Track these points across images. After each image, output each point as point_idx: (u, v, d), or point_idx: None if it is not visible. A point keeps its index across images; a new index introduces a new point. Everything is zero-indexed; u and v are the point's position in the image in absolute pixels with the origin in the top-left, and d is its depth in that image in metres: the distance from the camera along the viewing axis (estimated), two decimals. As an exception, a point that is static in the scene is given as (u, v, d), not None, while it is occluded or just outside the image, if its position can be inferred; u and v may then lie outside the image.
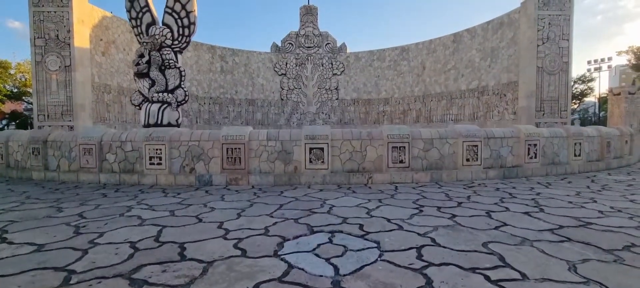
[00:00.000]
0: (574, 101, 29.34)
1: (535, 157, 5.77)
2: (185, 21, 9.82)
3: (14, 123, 26.93)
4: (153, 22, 9.75)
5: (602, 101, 30.47)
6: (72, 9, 13.29)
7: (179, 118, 10.07)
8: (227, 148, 4.98)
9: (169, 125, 9.83)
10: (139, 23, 9.91)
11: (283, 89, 21.94)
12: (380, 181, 4.99)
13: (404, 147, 5.16)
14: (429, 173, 5.18)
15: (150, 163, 5.06)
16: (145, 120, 9.81)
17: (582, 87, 29.94)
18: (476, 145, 5.40)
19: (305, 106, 22.19)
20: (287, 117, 22.19)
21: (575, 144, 6.18)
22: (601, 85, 36.01)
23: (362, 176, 5.02)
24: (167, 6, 9.74)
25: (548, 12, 14.70)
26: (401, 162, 5.16)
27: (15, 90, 24.40)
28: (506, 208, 3.47)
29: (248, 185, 4.89)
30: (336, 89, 22.17)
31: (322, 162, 5.02)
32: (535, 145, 5.76)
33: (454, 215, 3.16)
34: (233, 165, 4.98)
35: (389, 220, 2.98)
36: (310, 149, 5.00)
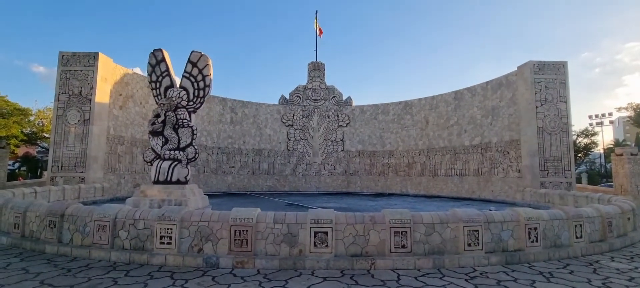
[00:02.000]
0: (579, 155, 29.29)
1: (536, 241, 5.84)
2: (201, 84, 10.53)
3: (25, 167, 27.69)
4: (171, 85, 10.47)
5: (608, 151, 30.43)
6: (97, 69, 14.27)
7: (188, 174, 10.45)
8: (235, 230, 5.19)
9: (178, 182, 10.21)
10: (158, 85, 10.63)
11: (290, 140, 22.57)
12: (383, 268, 5.08)
13: (406, 232, 5.31)
14: (431, 258, 5.27)
15: (161, 243, 5.25)
16: (155, 177, 10.18)
17: (585, 141, 30.12)
18: (477, 230, 5.53)
19: (311, 157, 22.64)
20: (293, 167, 22.57)
21: (575, 225, 6.26)
22: (606, 137, 36.17)
23: (365, 261, 5.12)
24: (185, 71, 10.53)
25: (544, 76, 15.26)
26: (403, 246, 5.28)
27: (31, 133, 25.42)
28: (505, 316, 3.55)
29: (254, 268, 5.02)
30: (342, 140, 22.74)
31: (327, 246, 5.17)
32: (535, 228, 5.86)
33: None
34: (240, 247, 5.15)
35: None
36: (315, 233, 5.18)
